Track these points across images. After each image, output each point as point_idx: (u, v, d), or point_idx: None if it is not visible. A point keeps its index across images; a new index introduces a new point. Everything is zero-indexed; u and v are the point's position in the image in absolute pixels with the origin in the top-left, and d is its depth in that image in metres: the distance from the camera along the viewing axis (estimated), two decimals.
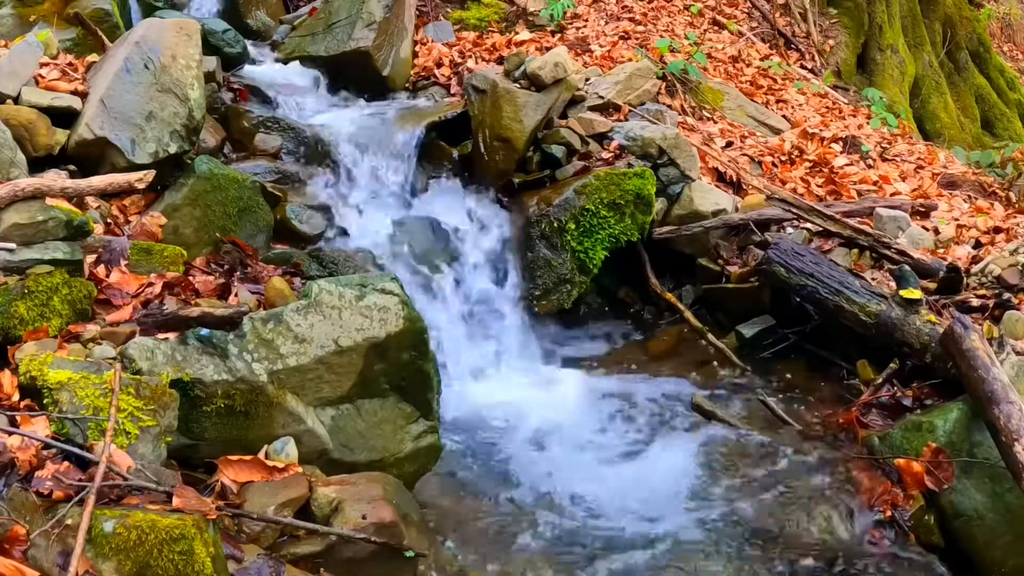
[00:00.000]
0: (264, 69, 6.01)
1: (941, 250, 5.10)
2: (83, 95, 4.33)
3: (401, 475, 3.57)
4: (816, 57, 8.61)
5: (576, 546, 3.57)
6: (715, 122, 6.50)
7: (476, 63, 6.32)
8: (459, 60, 6.38)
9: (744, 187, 5.70)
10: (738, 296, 5.02)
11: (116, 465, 2.81)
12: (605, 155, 5.35)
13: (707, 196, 5.36)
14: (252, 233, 4.57)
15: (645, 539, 3.62)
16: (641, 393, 4.64)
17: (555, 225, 5.01)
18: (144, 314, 3.43)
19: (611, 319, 5.38)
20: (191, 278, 3.84)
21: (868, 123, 7.27)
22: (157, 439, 3.02)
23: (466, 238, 5.15)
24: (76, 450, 2.82)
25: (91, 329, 3.33)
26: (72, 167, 4.12)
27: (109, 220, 4.14)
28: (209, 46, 5.49)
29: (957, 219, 5.53)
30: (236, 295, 3.76)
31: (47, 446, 2.83)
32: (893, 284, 4.49)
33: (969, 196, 6.18)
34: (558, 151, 5.32)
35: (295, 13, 6.76)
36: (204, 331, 3.29)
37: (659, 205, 5.25)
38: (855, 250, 4.94)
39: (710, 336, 4.96)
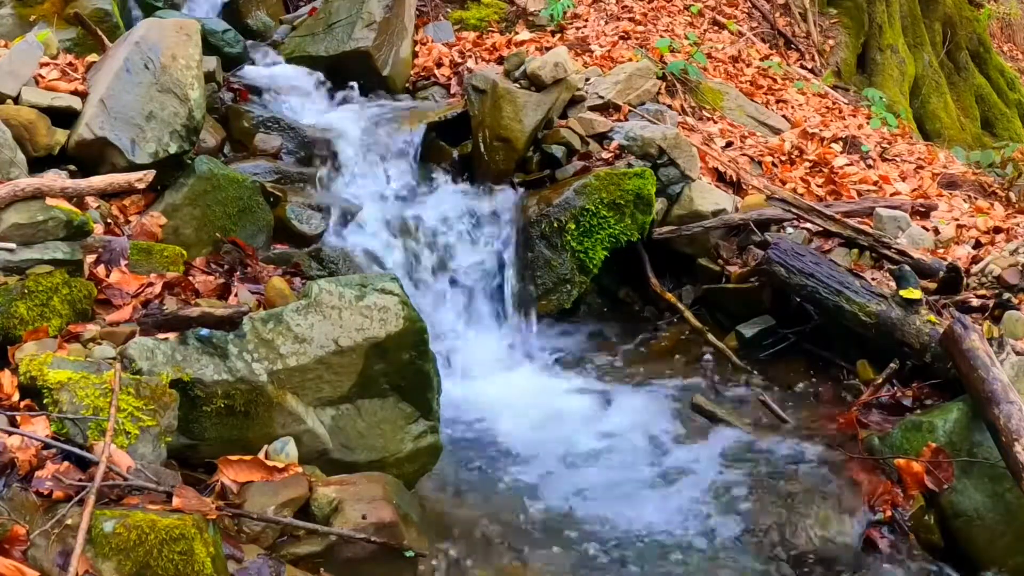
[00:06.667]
0: (264, 69, 6.01)
1: (941, 250, 5.10)
2: (83, 95, 4.33)
3: (401, 475, 3.57)
4: (816, 57, 8.61)
5: (576, 546, 3.57)
6: (715, 122, 6.50)
7: (476, 63, 6.32)
8: (459, 60, 6.39)
9: (744, 187, 5.70)
10: (738, 296, 5.01)
11: (116, 465, 2.81)
12: (605, 155, 5.34)
13: (707, 196, 5.36)
14: (252, 233, 4.57)
15: (644, 537, 3.62)
16: (641, 393, 4.64)
17: (555, 225, 5.01)
18: (144, 314, 3.44)
19: (611, 319, 5.38)
20: (191, 278, 3.84)
21: (868, 123, 7.26)
22: (157, 439, 3.02)
23: (466, 238, 5.15)
24: (76, 450, 2.82)
25: (91, 329, 3.33)
26: (72, 167, 4.12)
27: (109, 220, 4.14)
28: (209, 46, 5.49)
29: (957, 219, 5.53)
30: (236, 295, 3.76)
31: (47, 446, 2.83)
32: (893, 284, 4.49)
33: (969, 196, 6.18)
34: (558, 151, 5.32)
35: (295, 13, 6.77)
36: (204, 331, 3.29)
37: (659, 205, 5.25)
38: (855, 250, 4.94)
39: (710, 336, 4.96)
